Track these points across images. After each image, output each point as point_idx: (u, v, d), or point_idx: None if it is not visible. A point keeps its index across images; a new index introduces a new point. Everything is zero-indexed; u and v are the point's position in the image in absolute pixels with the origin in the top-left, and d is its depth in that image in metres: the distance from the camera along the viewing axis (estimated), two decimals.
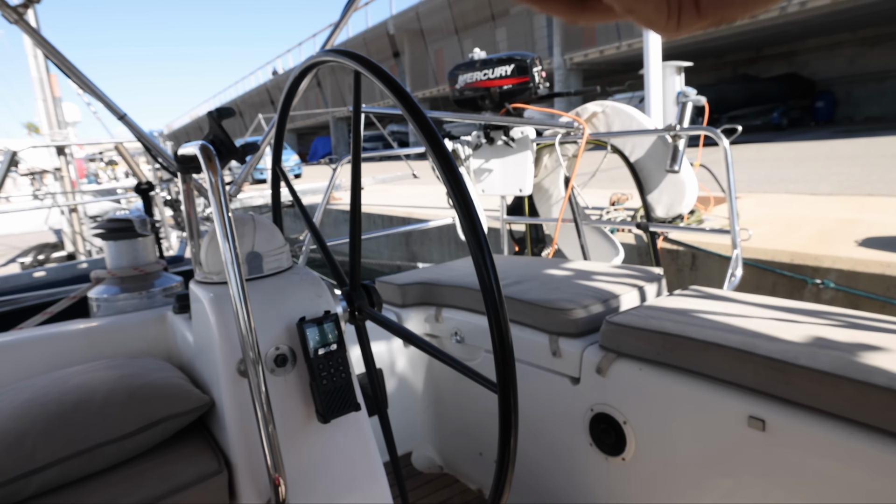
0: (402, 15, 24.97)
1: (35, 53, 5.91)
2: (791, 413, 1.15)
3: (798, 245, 3.89)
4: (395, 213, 7.93)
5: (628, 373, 1.31)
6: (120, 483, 0.87)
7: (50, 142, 6.07)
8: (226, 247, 0.81)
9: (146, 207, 2.10)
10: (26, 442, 0.84)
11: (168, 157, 1.79)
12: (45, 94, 6.01)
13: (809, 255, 3.66)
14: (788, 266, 3.68)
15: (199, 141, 0.91)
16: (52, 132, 6.20)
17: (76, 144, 6.28)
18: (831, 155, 9.88)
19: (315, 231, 1.29)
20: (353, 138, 1.07)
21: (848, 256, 3.51)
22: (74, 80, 1.70)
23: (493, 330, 0.74)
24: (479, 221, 0.74)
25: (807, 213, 5.03)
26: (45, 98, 6.04)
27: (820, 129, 16.71)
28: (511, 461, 0.80)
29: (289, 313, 0.98)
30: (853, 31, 17.45)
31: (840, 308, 1.46)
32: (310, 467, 0.97)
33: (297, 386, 0.97)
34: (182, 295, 1.21)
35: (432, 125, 0.80)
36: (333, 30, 1.82)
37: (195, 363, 1.11)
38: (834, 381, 1.08)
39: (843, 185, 6.59)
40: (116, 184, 9.25)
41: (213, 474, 0.91)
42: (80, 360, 1.19)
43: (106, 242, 1.44)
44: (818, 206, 5.33)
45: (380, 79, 0.84)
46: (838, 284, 3.42)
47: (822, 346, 1.20)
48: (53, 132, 6.20)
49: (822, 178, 7.21)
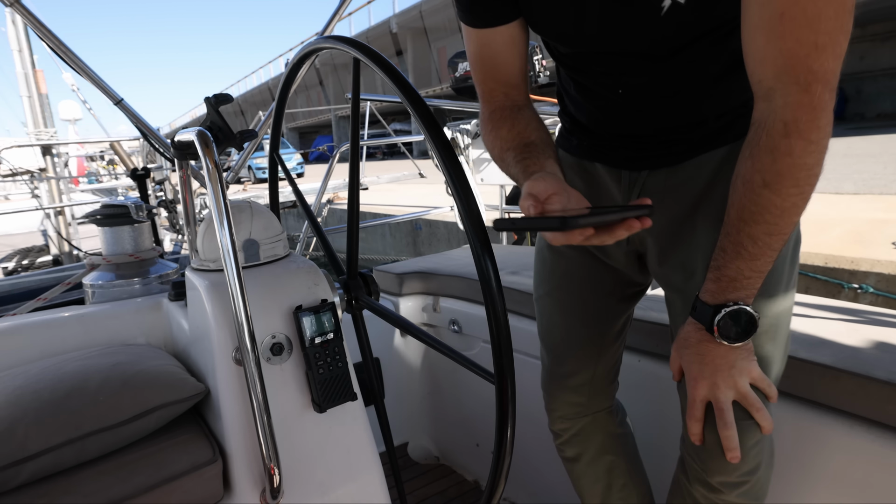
0: (405, 13, 24.88)
1: (20, 48, 5.73)
2: (791, 407, 1.14)
3: (831, 247, 3.74)
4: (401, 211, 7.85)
5: (626, 364, 1.30)
6: (113, 471, 0.86)
7: (35, 140, 5.77)
8: (222, 234, 0.80)
9: (142, 194, 2.10)
10: (18, 429, 0.83)
11: (165, 144, 1.78)
12: (31, 91, 5.78)
13: (845, 259, 3.53)
14: (822, 270, 3.54)
15: (196, 127, 0.90)
16: (38, 131, 5.93)
17: (62, 143, 5.92)
18: (848, 153, 9.72)
19: (312, 219, 1.28)
20: (352, 124, 1.06)
21: (888, 259, 3.37)
22: (71, 65, 1.69)
23: (490, 320, 0.73)
24: (477, 210, 0.73)
25: (834, 213, 4.87)
26: (31, 95, 5.81)
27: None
28: (508, 452, 0.79)
29: (285, 301, 0.98)
30: (863, 27, 17.26)
31: (840, 301, 1.45)
32: (305, 457, 0.97)
33: (293, 375, 0.97)
34: (178, 282, 1.20)
35: (431, 113, 0.79)
36: (331, 18, 1.81)
37: (190, 351, 1.11)
38: (834, 375, 1.08)
39: (867, 183, 6.43)
40: (116, 183, 8.84)
41: (207, 463, 0.90)
42: (73, 347, 1.18)
43: (101, 228, 1.43)
44: (845, 206, 5.16)
45: (379, 66, 0.83)
46: (878, 289, 3.28)
47: (822, 339, 1.20)
48: (39, 131, 5.93)
49: (844, 177, 7.03)
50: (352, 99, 1.02)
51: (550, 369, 1.23)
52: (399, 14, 25.24)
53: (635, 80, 0.90)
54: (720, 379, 0.84)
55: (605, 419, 1.22)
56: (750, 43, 0.74)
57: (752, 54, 0.74)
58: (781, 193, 0.74)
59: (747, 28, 0.74)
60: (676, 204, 0.95)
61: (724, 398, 0.84)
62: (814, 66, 0.69)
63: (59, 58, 1.68)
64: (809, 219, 3.62)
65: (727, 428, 0.84)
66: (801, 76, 0.70)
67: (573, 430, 1.22)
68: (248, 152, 1.97)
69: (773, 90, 0.73)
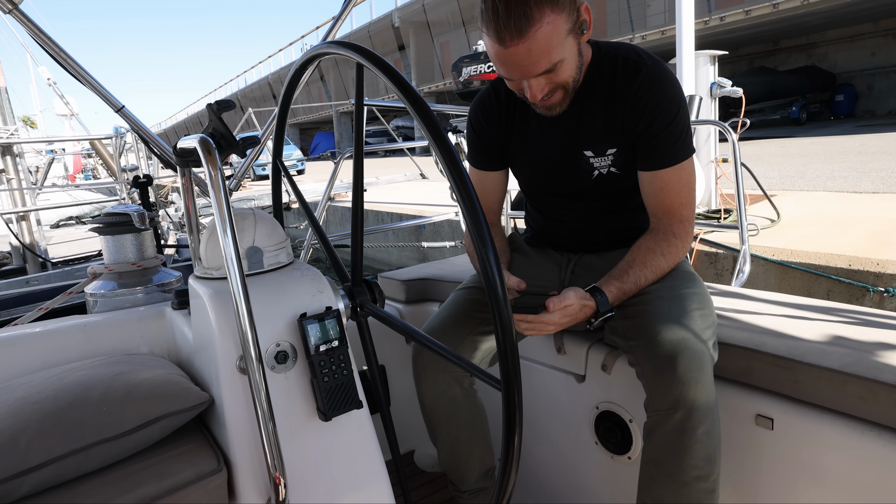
0: (407, 7, 24.74)
1: None
2: (799, 412, 1.13)
3: (854, 248, 3.62)
4: (404, 210, 7.84)
5: (634, 370, 1.28)
6: (116, 482, 0.85)
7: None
8: (226, 242, 0.80)
9: (144, 201, 2.09)
10: (20, 441, 0.83)
11: (167, 151, 1.77)
12: None
13: (870, 261, 3.39)
14: (846, 272, 3.43)
15: (199, 134, 0.89)
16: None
17: (21, 143, 5.04)
18: (862, 150, 9.58)
19: (317, 226, 1.27)
20: (356, 131, 1.05)
21: None
22: (72, 73, 1.68)
23: (496, 327, 0.73)
24: (482, 216, 0.72)
25: (853, 212, 4.75)
26: None
27: (841, 123, 16.37)
28: (515, 459, 0.78)
29: (290, 309, 0.97)
30: (875, 22, 17.09)
31: (848, 304, 1.44)
32: (311, 466, 0.96)
33: (297, 383, 0.96)
34: (181, 290, 1.20)
35: (435, 118, 0.78)
36: (334, 23, 1.80)
37: (194, 360, 1.10)
38: (842, 379, 1.07)
39: (886, 182, 6.25)
40: (113, 181, 8.26)
41: (212, 473, 0.90)
42: (76, 356, 1.17)
43: (103, 237, 1.43)
44: (865, 205, 5.04)
45: (382, 71, 0.82)
46: None
47: (830, 343, 1.19)
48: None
49: (861, 175, 6.89)
50: (355, 105, 1.02)
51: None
52: (401, 8, 25.10)
53: (575, 210, 1.44)
54: (565, 324, 1.21)
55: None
56: (646, 198, 1.30)
57: (648, 203, 1.30)
58: (669, 259, 1.27)
59: (644, 191, 1.30)
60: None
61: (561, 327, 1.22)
62: (682, 212, 1.27)
63: (59, 65, 1.68)
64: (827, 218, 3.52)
65: (542, 327, 1.19)
66: (676, 216, 1.27)
67: None
68: (250, 159, 1.97)
69: (661, 220, 1.28)
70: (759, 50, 19.89)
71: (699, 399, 1.08)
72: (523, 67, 1.14)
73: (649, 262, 1.25)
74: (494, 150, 1.43)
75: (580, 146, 1.31)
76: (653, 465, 1.14)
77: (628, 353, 1.22)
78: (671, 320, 1.16)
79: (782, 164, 8.90)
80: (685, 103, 1.26)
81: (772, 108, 17.32)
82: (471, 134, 1.46)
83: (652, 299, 1.22)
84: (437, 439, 1.43)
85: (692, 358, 1.09)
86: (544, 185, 1.43)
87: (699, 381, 1.08)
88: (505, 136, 1.41)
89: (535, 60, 1.13)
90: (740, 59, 20.20)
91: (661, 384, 1.11)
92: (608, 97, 1.26)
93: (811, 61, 18.74)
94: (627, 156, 1.30)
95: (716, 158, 4.90)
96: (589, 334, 1.45)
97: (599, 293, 1.20)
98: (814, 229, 4.25)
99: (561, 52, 1.14)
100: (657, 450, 1.12)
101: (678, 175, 1.25)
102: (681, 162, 1.25)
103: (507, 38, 1.10)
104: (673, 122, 1.22)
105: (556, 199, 1.45)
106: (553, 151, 1.35)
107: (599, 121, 1.28)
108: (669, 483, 1.11)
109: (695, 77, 4.75)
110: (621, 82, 1.24)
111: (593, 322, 1.21)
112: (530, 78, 1.17)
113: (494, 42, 1.12)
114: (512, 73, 1.17)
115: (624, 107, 1.24)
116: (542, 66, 1.14)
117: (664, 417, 1.11)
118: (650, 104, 1.22)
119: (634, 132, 1.25)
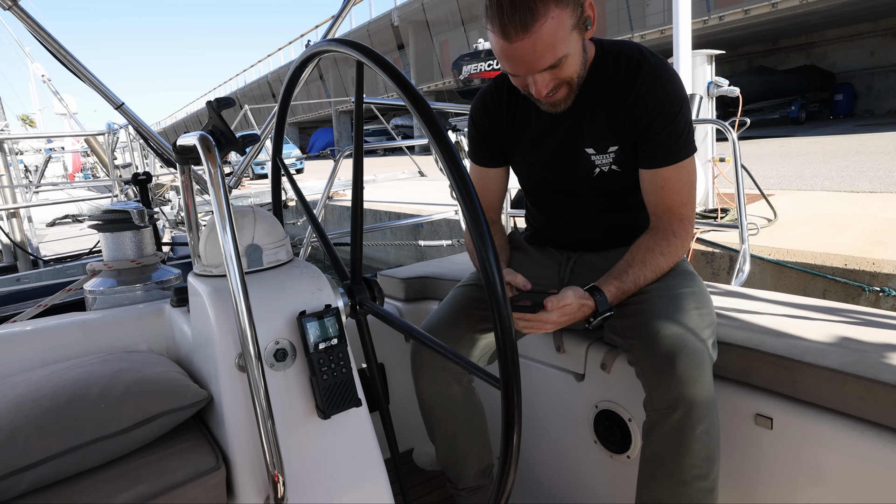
0: (406, 6, 24.72)
1: None
2: (799, 411, 1.13)
3: (850, 248, 3.62)
4: (402, 209, 7.83)
5: (633, 369, 1.28)
6: (115, 479, 0.85)
7: None
8: (225, 239, 0.79)
9: (143, 198, 2.09)
10: (19, 437, 0.82)
11: (166, 148, 1.77)
12: None
13: (866, 260, 3.40)
14: (842, 272, 3.43)
15: (199, 132, 0.89)
16: None
17: (13, 138, 5.13)
18: (861, 150, 9.59)
19: (316, 224, 1.27)
20: (356, 129, 1.05)
21: None
22: (73, 70, 1.68)
23: (496, 325, 0.73)
24: (482, 214, 0.72)
25: (851, 212, 4.75)
26: None
27: (840, 122, 16.38)
28: (514, 458, 0.78)
29: (289, 307, 0.97)
30: (874, 21, 17.09)
31: (848, 304, 1.44)
32: (309, 464, 0.96)
33: (296, 381, 0.96)
34: (180, 288, 1.19)
35: (435, 116, 0.78)
36: (334, 22, 1.80)
37: (193, 357, 1.10)
38: (842, 379, 1.07)
39: (884, 181, 6.26)
40: (110, 181, 8.17)
41: (210, 471, 0.90)
42: (75, 354, 1.17)
43: (102, 234, 1.43)
44: (862, 205, 5.05)
45: (382, 69, 0.82)
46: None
47: (829, 343, 1.19)
48: None
49: (858, 174, 6.90)
50: (355, 102, 1.02)
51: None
52: (400, 7, 25.10)
53: (575, 208, 1.44)
54: (563, 323, 1.20)
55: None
56: (647, 196, 1.30)
57: (648, 202, 1.30)
58: (668, 259, 1.26)
59: (644, 189, 1.30)
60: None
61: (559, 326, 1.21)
62: (682, 211, 1.27)
63: (59, 62, 1.67)
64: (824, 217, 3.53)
65: (541, 326, 1.19)
66: (675, 215, 1.27)
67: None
68: (250, 156, 1.96)
69: (661, 219, 1.28)
70: (759, 49, 19.90)
71: (698, 398, 1.08)
72: (528, 63, 1.14)
73: (649, 261, 1.24)
74: (495, 147, 1.44)
75: (582, 143, 1.31)
76: (652, 464, 1.14)
77: (627, 351, 1.22)
78: (670, 319, 1.15)
79: (780, 163, 8.92)
80: (687, 102, 1.26)
81: (771, 107, 17.33)
82: (472, 130, 1.46)
83: (651, 298, 1.22)
84: (435, 437, 1.42)
85: (691, 357, 1.09)
86: (545, 182, 1.43)
87: (698, 379, 1.08)
88: (506, 132, 1.41)
89: (539, 55, 1.13)
90: (739, 59, 20.21)
91: (661, 383, 1.11)
92: (611, 94, 1.26)
93: (810, 61, 18.76)
94: (629, 153, 1.30)
95: (713, 158, 4.91)
96: (588, 333, 1.45)
97: (598, 292, 1.20)
98: (810, 229, 4.25)
99: (566, 47, 1.14)
100: (656, 449, 1.12)
101: (679, 173, 1.25)
102: (682, 160, 1.25)
103: (512, 32, 1.10)
104: (675, 121, 1.22)
105: (557, 197, 1.45)
106: (554, 148, 1.35)
107: (601, 118, 1.28)
108: (668, 482, 1.11)
109: (692, 76, 4.76)
110: (624, 80, 1.24)
111: (592, 321, 1.21)
112: (535, 73, 1.17)
113: (499, 37, 1.12)
114: (517, 69, 1.17)
115: (626, 104, 1.24)
116: (546, 61, 1.14)
117: (663, 416, 1.11)
118: (652, 102, 1.22)
119: (636, 130, 1.25)
